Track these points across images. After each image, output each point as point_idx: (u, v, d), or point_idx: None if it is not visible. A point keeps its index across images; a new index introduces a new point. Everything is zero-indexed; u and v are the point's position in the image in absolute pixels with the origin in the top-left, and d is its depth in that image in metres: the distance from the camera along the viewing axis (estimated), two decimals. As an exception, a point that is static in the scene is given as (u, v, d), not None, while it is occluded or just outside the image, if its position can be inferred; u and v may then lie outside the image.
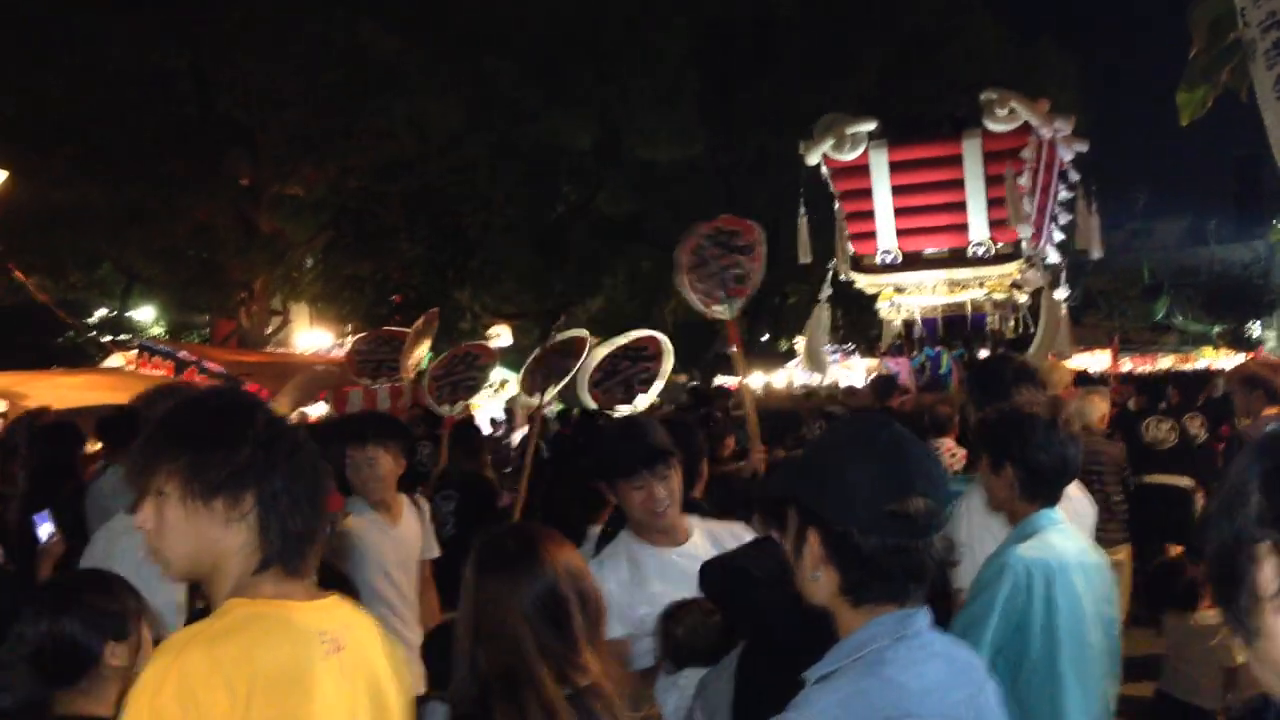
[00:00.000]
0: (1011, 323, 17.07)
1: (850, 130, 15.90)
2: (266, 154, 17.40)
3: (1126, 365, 18.67)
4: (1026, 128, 15.12)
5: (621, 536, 3.01)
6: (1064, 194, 16.74)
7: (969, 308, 16.71)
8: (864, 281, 17.38)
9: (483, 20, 19.32)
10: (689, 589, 2.72)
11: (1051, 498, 2.86)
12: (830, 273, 16.98)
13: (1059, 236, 17.19)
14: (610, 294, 27.36)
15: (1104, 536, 6.06)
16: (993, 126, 15.17)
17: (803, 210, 16.60)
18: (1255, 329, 40.53)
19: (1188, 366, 20.20)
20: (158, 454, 1.76)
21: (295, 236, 18.58)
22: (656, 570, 2.89)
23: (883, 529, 1.66)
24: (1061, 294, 16.21)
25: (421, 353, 9.50)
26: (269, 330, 19.39)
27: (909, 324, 17.33)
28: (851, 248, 16.90)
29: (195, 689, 1.61)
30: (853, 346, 27.73)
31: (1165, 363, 19.62)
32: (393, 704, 1.92)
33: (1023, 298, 17.16)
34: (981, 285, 16.61)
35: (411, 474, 5.00)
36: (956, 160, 15.72)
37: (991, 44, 26.02)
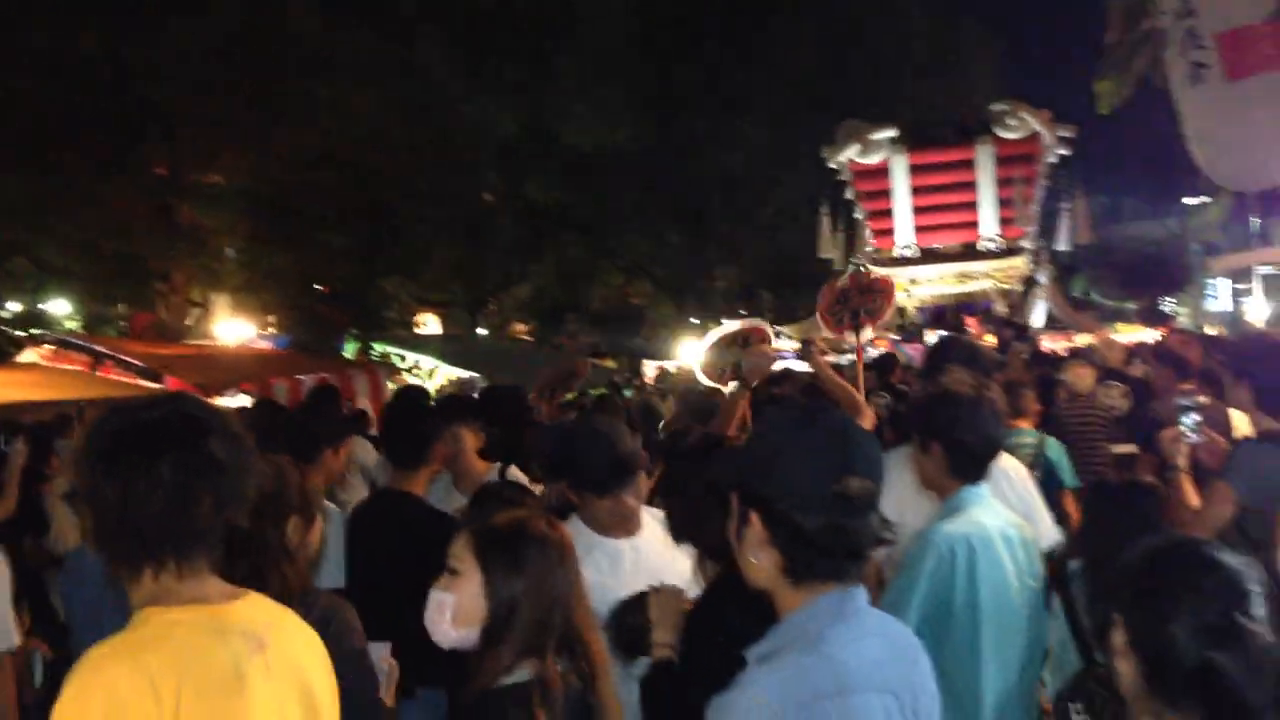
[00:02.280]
0: (1007, 309, 18.39)
1: (874, 136, 17.40)
2: (185, 141, 16.93)
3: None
4: (1034, 135, 16.69)
5: (574, 525, 3.00)
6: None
7: (977, 297, 18.30)
8: (882, 274, 18.68)
9: None
10: (642, 579, 2.74)
11: (977, 475, 2.93)
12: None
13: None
14: (538, 281, 27.19)
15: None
16: (1003, 134, 16.81)
17: (825, 209, 18.24)
18: (1168, 304, 41.57)
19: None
20: None
21: (215, 226, 18.14)
22: (609, 561, 2.91)
23: (824, 508, 1.70)
24: (1042, 277, 18.02)
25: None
26: (188, 321, 18.93)
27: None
28: (872, 243, 18.33)
29: (125, 700, 1.59)
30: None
31: (1084, 339, 20.12)
32: (321, 698, 1.90)
33: (1020, 286, 18.55)
34: (989, 277, 18.17)
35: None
36: (969, 164, 17.39)
37: (915, 25, 26.35)
